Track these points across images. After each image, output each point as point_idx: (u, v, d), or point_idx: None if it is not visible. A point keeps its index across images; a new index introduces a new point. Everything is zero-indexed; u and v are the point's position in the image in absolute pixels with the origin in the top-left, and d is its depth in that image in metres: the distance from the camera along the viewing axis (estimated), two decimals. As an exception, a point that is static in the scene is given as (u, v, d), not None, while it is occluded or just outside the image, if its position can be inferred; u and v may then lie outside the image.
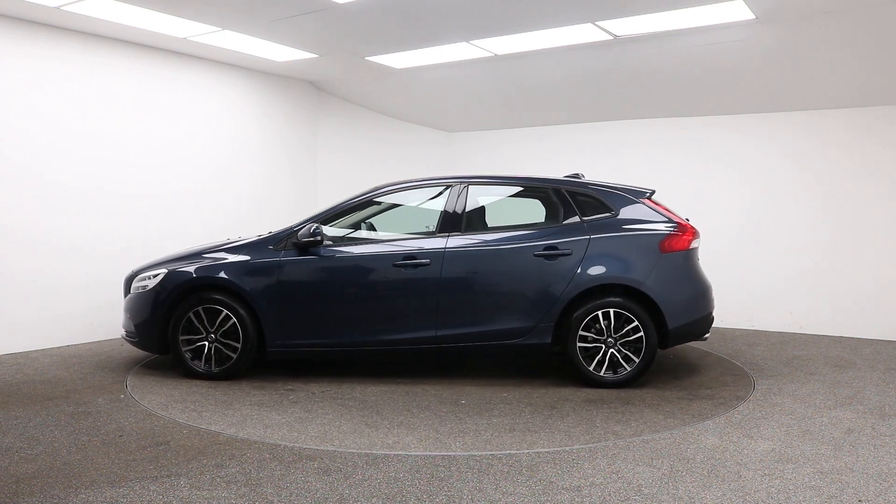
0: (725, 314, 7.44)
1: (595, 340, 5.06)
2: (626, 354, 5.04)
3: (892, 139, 6.94)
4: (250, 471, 3.44)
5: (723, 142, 7.84)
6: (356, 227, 5.64)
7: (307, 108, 8.60)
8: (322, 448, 3.78)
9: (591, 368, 5.05)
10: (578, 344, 5.05)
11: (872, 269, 7.04)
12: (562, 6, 5.46)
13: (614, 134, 8.49)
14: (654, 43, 6.30)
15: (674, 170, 8.00)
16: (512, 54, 6.88)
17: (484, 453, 3.70)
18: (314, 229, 5.18)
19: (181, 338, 5.25)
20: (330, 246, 5.30)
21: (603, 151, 8.51)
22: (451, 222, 5.27)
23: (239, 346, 5.20)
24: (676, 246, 5.11)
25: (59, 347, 6.33)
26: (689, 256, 5.18)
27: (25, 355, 5.99)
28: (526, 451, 3.75)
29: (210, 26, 6.21)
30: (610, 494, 3.17)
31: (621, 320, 5.02)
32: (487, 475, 3.40)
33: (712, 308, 5.32)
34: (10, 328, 6.05)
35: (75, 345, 6.45)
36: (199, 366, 5.25)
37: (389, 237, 5.49)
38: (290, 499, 3.12)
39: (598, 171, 7.80)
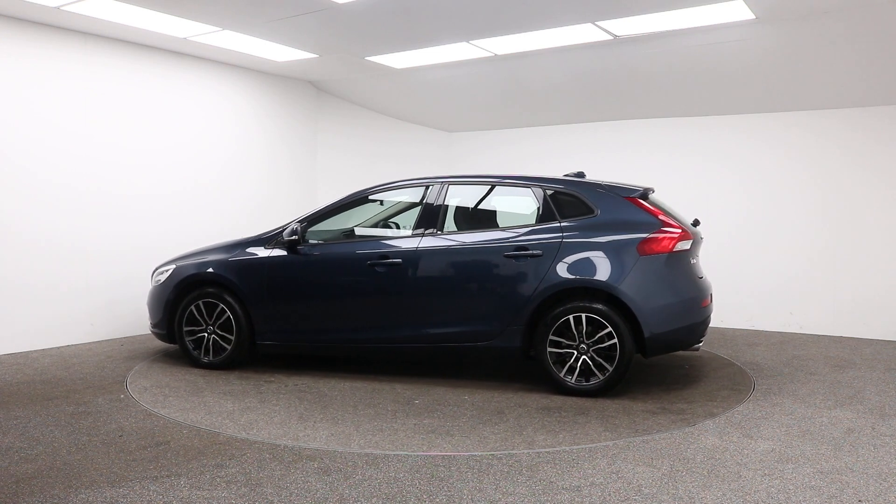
0: (725, 314, 7.44)
1: (568, 346, 4.81)
2: (600, 362, 4.75)
3: (892, 139, 6.94)
4: (250, 471, 3.44)
5: (723, 142, 7.84)
6: (341, 226, 5.74)
7: (307, 109, 8.60)
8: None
9: (562, 375, 4.81)
10: (549, 349, 4.83)
11: (872, 269, 7.04)
12: (562, 6, 5.46)
13: (614, 134, 8.49)
14: (654, 43, 6.30)
15: (674, 170, 7.99)
16: (512, 54, 6.88)
17: (484, 453, 3.70)
18: (295, 229, 5.40)
19: (185, 329, 5.64)
20: (314, 245, 5.48)
21: (603, 151, 8.51)
22: (426, 222, 5.26)
23: (233, 338, 5.49)
24: (657, 248, 4.77)
25: (59, 347, 6.33)
26: (673, 260, 4.82)
27: (25, 355, 5.99)
28: (526, 451, 3.75)
29: (210, 26, 6.22)
30: (610, 494, 3.17)
31: (594, 325, 4.74)
32: (487, 475, 3.40)
33: (703, 317, 4.98)
34: (10, 328, 6.05)
35: (75, 345, 6.45)
36: (200, 355, 5.62)
37: (368, 237, 5.60)
38: (290, 499, 3.12)
39: (599, 171, 7.79)
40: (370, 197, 5.64)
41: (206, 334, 5.60)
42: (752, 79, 6.86)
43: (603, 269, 4.75)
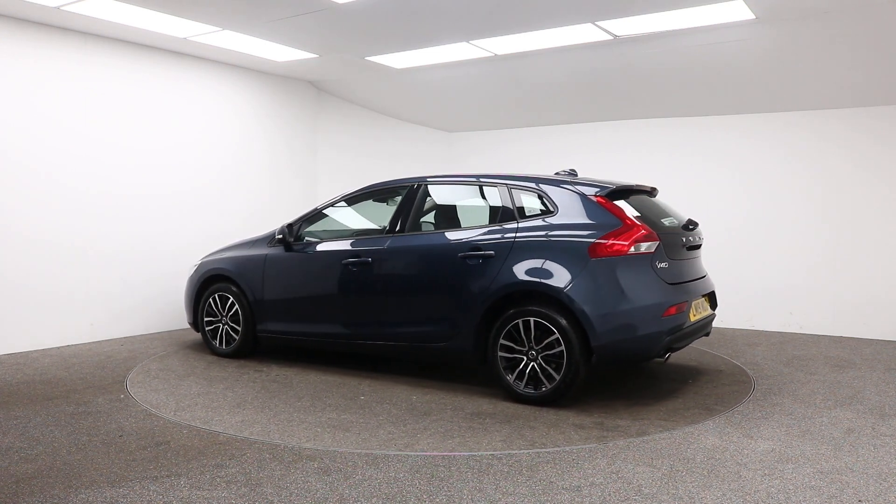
0: (725, 314, 7.44)
1: (518, 351, 4.62)
2: (549, 370, 4.51)
3: (892, 139, 6.94)
4: (250, 471, 3.44)
5: (723, 142, 7.83)
6: (336, 225, 5.89)
7: (307, 109, 8.60)
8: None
9: (511, 381, 4.62)
10: (500, 353, 4.65)
11: (872, 269, 7.04)
12: (562, 6, 5.46)
13: (614, 134, 8.49)
14: (654, 43, 6.30)
15: (674, 170, 7.99)
16: (512, 54, 6.88)
17: (484, 453, 3.70)
18: (283, 228, 5.70)
19: (205, 319, 6.15)
20: (307, 243, 5.68)
21: (603, 151, 8.51)
22: (398, 222, 5.29)
23: (240, 329, 5.92)
24: (610, 251, 4.43)
25: (59, 347, 6.33)
26: (629, 263, 4.45)
27: (25, 355, 5.99)
28: (526, 451, 3.75)
29: (210, 26, 6.22)
30: (610, 494, 3.17)
31: (543, 331, 4.51)
32: (487, 475, 3.40)
33: (668, 326, 4.50)
34: (10, 328, 6.05)
35: (75, 345, 6.45)
36: (215, 344, 6.09)
37: (350, 236, 5.68)
38: (290, 499, 3.12)
39: (599, 171, 7.79)
40: (357, 198, 5.73)
41: (220, 325, 6.05)
42: (752, 79, 6.86)
43: (550, 272, 4.51)
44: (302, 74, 8.14)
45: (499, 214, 4.95)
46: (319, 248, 5.59)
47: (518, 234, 4.72)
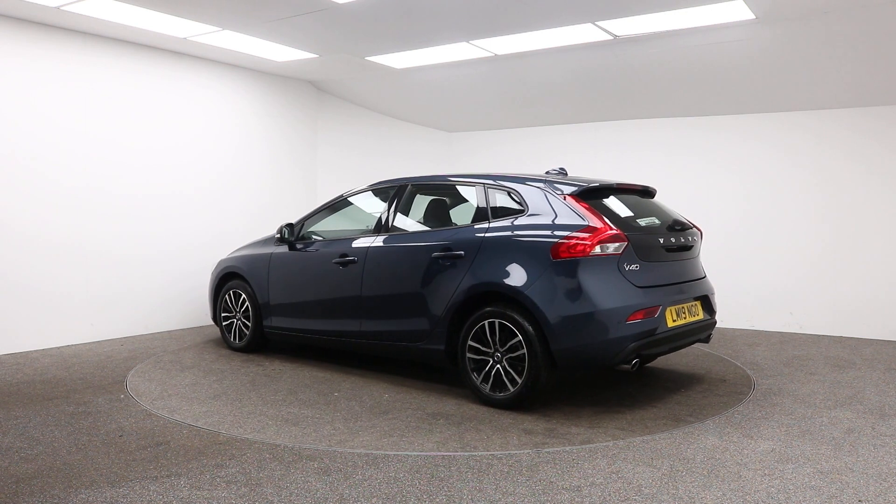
0: (725, 314, 7.44)
1: (485, 353, 4.57)
2: (515, 372, 4.43)
3: (892, 139, 6.94)
4: (250, 471, 3.44)
5: (723, 142, 7.83)
6: (337, 225, 6.00)
7: (308, 109, 8.60)
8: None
9: (478, 383, 4.58)
10: (469, 355, 4.61)
11: (872, 269, 7.04)
12: (562, 6, 5.46)
13: (614, 134, 8.50)
14: (654, 43, 6.30)
15: (674, 170, 7.99)
16: (512, 54, 6.88)
17: (484, 453, 3.70)
18: (282, 228, 5.90)
19: (222, 315, 6.45)
20: (306, 242, 5.87)
21: (603, 151, 8.51)
22: (385, 222, 5.35)
23: (251, 324, 6.18)
24: (573, 251, 4.27)
25: (59, 347, 6.33)
26: (591, 265, 4.27)
27: (25, 355, 5.99)
28: (526, 450, 3.75)
29: (210, 26, 6.22)
30: (610, 494, 3.17)
31: (507, 333, 4.44)
32: (487, 475, 3.40)
33: (634, 332, 4.27)
34: (10, 328, 6.05)
35: (75, 345, 6.45)
36: (229, 339, 6.39)
37: (341, 235, 5.76)
38: (290, 499, 3.12)
39: (598, 171, 7.80)
40: (352, 198, 5.83)
41: (234, 320, 6.32)
42: (752, 79, 6.86)
43: (511, 273, 4.44)
44: (302, 74, 8.14)
45: (474, 214, 4.92)
46: (314, 247, 5.79)
47: (487, 234, 4.67)
